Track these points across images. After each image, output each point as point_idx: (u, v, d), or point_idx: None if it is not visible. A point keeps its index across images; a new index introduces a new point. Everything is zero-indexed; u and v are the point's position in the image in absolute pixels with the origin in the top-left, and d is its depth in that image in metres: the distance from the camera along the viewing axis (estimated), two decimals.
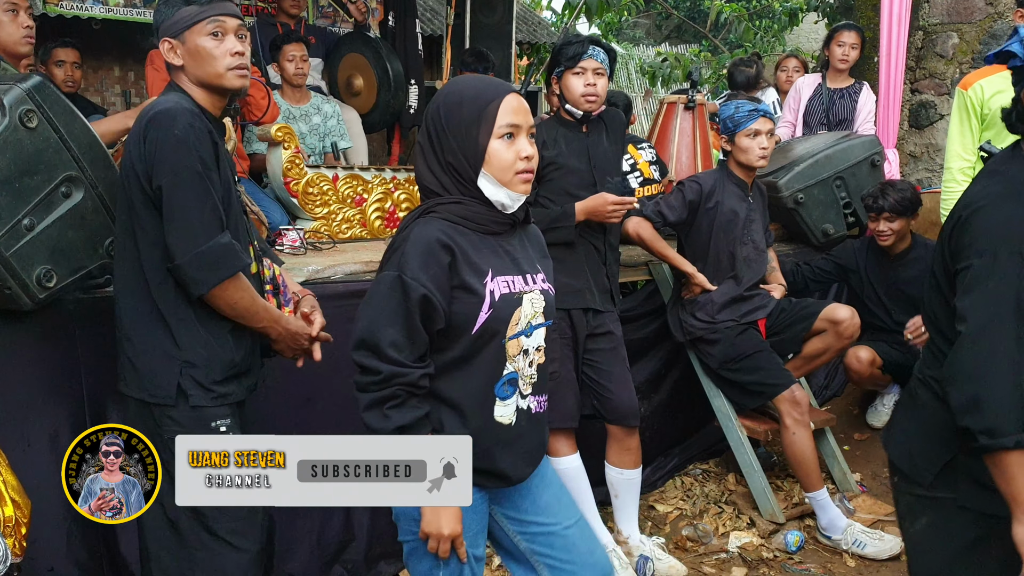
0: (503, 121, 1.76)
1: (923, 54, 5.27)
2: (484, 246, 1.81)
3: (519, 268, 1.84)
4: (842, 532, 3.24)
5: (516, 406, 1.86)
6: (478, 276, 1.77)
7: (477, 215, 1.80)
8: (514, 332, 1.81)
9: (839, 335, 3.50)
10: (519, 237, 1.91)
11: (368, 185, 4.23)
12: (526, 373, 1.86)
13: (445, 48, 6.28)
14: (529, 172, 1.80)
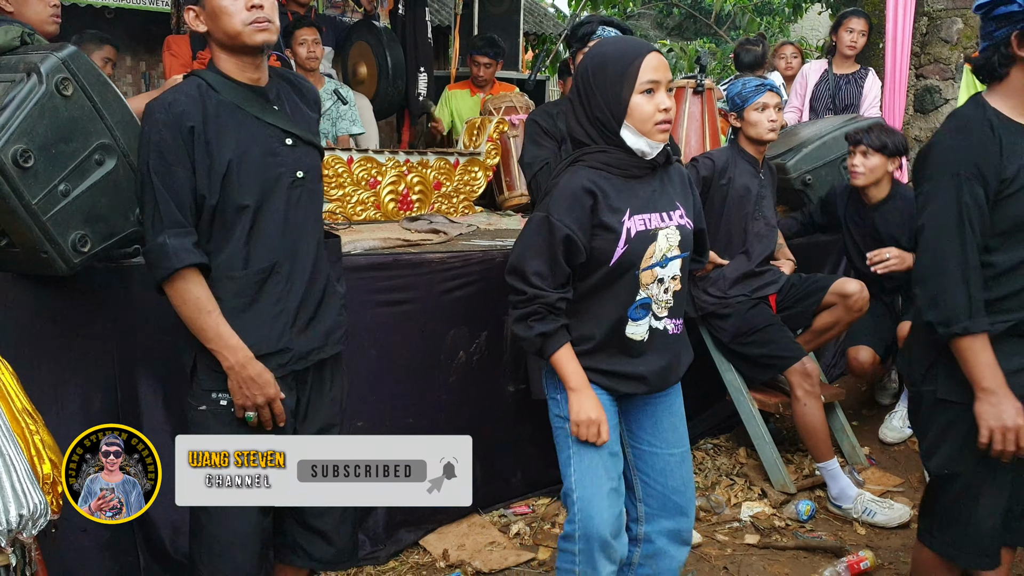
0: (644, 77, 1.99)
1: (928, 39, 5.32)
2: (625, 188, 2.06)
3: (657, 207, 2.08)
4: (852, 501, 3.30)
5: (649, 326, 2.12)
6: (616, 216, 2.03)
7: (620, 162, 2.05)
8: (648, 264, 2.06)
9: (849, 308, 3.55)
10: (660, 178, 2.13)
11: (382, 168, 4.29)
12: (661, 299, 2.11)
13: (454, 37, 6.35)
14: (667, 122, 2.02)
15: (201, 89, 2.07)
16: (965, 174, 2.04)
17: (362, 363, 2.97)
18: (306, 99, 2.27)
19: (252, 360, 2.06)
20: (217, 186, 2.04)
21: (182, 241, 2.02)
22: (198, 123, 2.02)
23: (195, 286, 2.04)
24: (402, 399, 3.09)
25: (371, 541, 3.00)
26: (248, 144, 2.07)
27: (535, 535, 3.18)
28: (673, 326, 2.15)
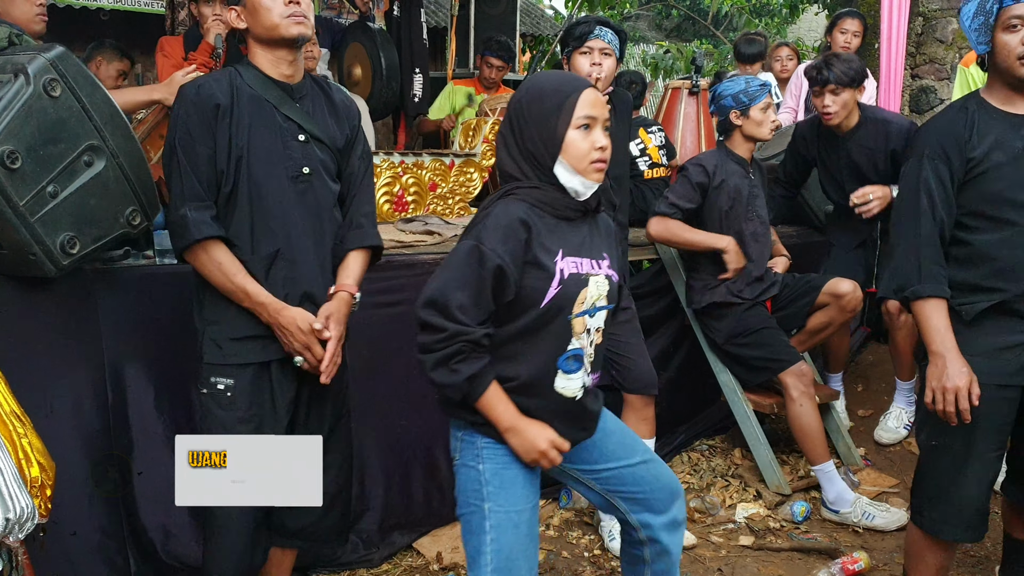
0: (581, 113, 1.89)
1: (923, 40, 5.32)
2: (557, 229, 1.92)
3: (587, 252, 1.95)
4: (851, 505, 3.26)
5: (583, 382, 1.96)
6: (550, 255, 1.88)
7: (553, 200, 1.92)
8: (580, 310, 1.91)
9: (842, 308, 3.54)
10: (589, 224, 2.02)
11: (376, 169, 4.27)
12: (588, 352, 1.96)
13: (450, 39, 6.34)
14: (602, 162, 1.91)
15: (232, 76, 2.23)
16: (930, 153, 2.23)
17: (354, 364, 2.94)
18: (336, 108, 2.36)
19: (283, 309, 2.20)
20: (233, 168, 2.18)
21: (202, 215, 2.15)
22: (225, 102, 2.17)
23: (218, 252, 2.18)
24: (395, 400, 3.08)
25: (364, 544, 2.99)
26: (262, 132, 2.21)
27: None
28: (592, 380, 2.01)
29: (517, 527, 1.92)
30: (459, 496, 1.98)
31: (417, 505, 3.14)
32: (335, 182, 2.36)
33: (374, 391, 3.01)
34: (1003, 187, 2.20)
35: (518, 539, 1.92)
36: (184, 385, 2.69)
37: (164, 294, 2.68)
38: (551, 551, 3.09)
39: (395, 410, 3.08)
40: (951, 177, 2.22)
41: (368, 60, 5.38)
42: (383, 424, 3.05)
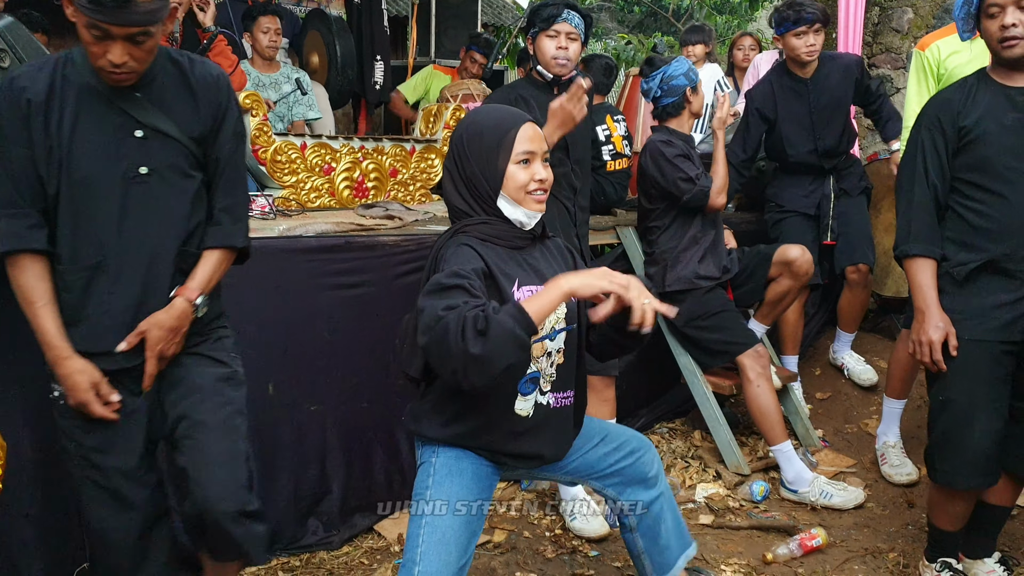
0: (520, 148, 1.97)
1: (880, 29, 5.40)
2: (510, 259, 1.98)
3: (542, 277, 1.98)
4: (809, 484, 3.32)
5: (535, 401, 2.02)
6: (508, 284, 1.93)
7: (502, 232, 1.98)
8: (538, 337, 1.92)
9: (795, 274, 3.62)
10: (540, 250, 2.08)
11: (336, 154, 4.25)
12: (547, 372, 2.03)
13: (411, 28, 6.31)
14: (543, 191, 1.98)
15: (59, 64, 1.97)
16: (926, 123, 2.45)
17: (315, 347, 2.94)
18: (193, 90, 2.06)
19: (65, 359, 1.97)
20: (56, 169, 1.94)
21: (13, 224, 1.93)
22: (39, 98, 1.92)
23: (22, 273, 1.96)
24: (356, 383, 3.06)
25: (324, 526, 2.97)
26: (89, 129, 1.96)
27: (490, 518, 3.17)
28: (555, 400, 2.05)
29: (455, 514, 1.97)
30: (414, 490, 2.05)
31: (379, 487, 3.12)
32: (192, 176, 2.07)
33: (334, 373, 2.99)
34: (991, 153, 2.37)
35: (453, 526, 1.96)
36: None
37: None
38: (513, 531, 3.09)
39: (356, 392, 3.06)
40: (945, 145, 2.42)
41: (324, 48, 5.35)
42: (344, 406, 3.02)
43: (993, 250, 2.37)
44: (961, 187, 2.42)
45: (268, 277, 2.86)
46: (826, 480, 3.35)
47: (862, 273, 4.01)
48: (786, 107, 3.96)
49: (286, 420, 2.90)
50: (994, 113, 2.37)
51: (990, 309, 2.39)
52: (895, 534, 3.12)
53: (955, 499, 2.55)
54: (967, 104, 2.40)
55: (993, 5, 2.33)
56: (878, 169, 4.45)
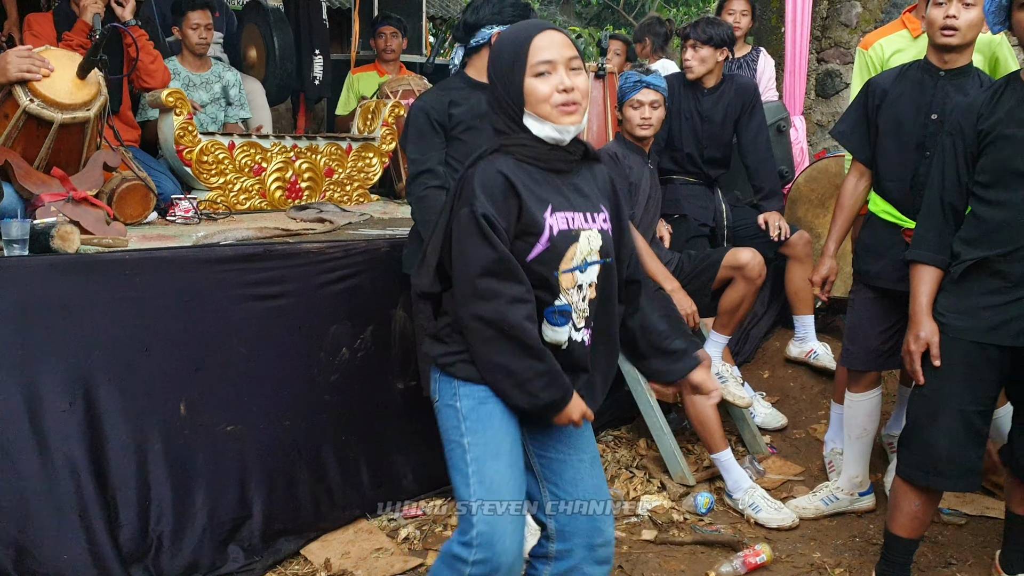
0: (535, 59, 1.86)
1: (828, 23, 5.32)
2: (547, 182, 1.89)
3: (580, 206, 1.91)
4: (743, 492, 3.23)
5: (570, 336, 1.91)
6: (540, 208, 1.85)
7: (540, 154, 1.89)
8: (568, 267, 1.88)
9: (748, 279, 3.54)
10: (585, 175, 1.97)
11: (267, 154, 4.08)
12: (580, 307, 1.92)
13: (354, 19, 6.12)
14: (571, 103, 1.85)
15: None
16: (950, 129, 2.45)
17: (230, 362, 2.78)
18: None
19: None
20: None
21: None
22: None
23: None
24: (277, 400, 2.89)
25: (245, 553, 2.79)
26: None
27: (425, 539, 3.03)
28: (588, 338, 1.95)
29: (497, 457, 1.90)
30: (442, 435, 1.98)
31: (304, 509, 2.96)
32: None
33: (253, 390, 2.82)
34: (1007, 155, 2.32)
35: (499, 469, 1.89)
36: (36, 387, 2.46)
37: (13, 288, 2.44)
38: None
39: (278, 410, 2.90)
40: (964, 150, 2.40)
41: (262, 41, 5.15)
42: (264, 425, 2.86)
43: (988, 249, 2.34)
44: (977, 189, 2.40)
45: (179, 290, 2.69)
46: (763, 494, 3.24)
47: (805, 239, 3.97)
48: (684, 107, 3.97)
49: (201, 442, 2.73)
50: (1015, 115, 2.33)
51: (978, 309, 2.37)
52: (842, 547, 3.03)
53: (912, 497, 2.50)
54: (989, 106, 2.38)
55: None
56: (826, 167, 4.37)
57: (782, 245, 3.92)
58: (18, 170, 2.72)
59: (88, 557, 2.49)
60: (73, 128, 2.83)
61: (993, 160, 2.35)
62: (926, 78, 2.91)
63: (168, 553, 2.65)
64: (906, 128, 2.91)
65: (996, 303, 2.34)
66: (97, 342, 2.55)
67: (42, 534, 2.45)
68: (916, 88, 2.91)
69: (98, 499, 2.53)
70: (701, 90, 3.93)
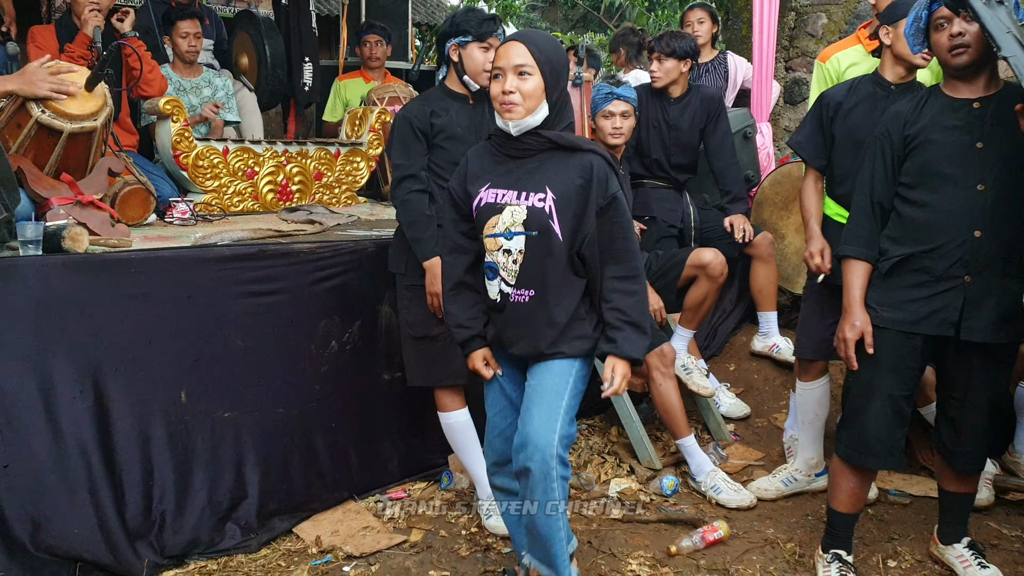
0: (492, 66, 2.31)
1: (795, 34, 5.57)
2: (502, 164, 2.34)
3: (519, 185, 2.30)
4: (705, 475, 3.47)
5: (499, 289, 2.36)
6: (479, 184, 2.35)
7: (500, 142, 2.36)
8: (491, 232, 2.32)
9: (711, 277, 3.78)
10: (550, 162, 2.31)
11: (259, 158, 4.29)
12: (509, 268, 2.33)
13: (342, 27, 6.32)
14: (508, 103, 2.25)
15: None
16: (878, 133, 2.68)
17: (228, 354, 2.99)
18: None
19: None
20: None
21: None
22: None
23: None
24: (271, 389, 3.11)
25: (242, 530, 3.01)
26: None
27: (409, 518, 3.25)
28: (514, 295, 2.34)
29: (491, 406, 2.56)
30: None
31: (297, 491, 3.18)
32: None
33: (248, 380, 3.04)
34: (930, 158, 2.56)
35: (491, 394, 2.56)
36: (50, 376, 2.67)
37: (28, 285, 2.65)
38: (430, 531, 3.17)
39: (272, 399, 3.11)
40: (892, 153, 2.63)
41: (254, 49, 5.35)
42: (260, 413, 3.07)
43: (913, 246, 2.56)
44: (902, 191, 2.61)
45: (180, 286, 2.90)
46: (723, 477, 3.48)
47: (768, 240, 4.23)
48: (652, 117, 4.19)
49: (200, 427, 2.94)
50: (938, 122, 2.57)
51: (905, 302, 2.59)
52: (795, 525, 3.27)
53: (849, 475, 2.75)
54: (915, 114, 2.62)
55: (942, 18, 2.51)
56: (789, 171, 4.60)
57: (747, 246, 4.17)
58: (30, 176, 2.93)
59: (97, 533, 2.71)
60: (81, 137, 3.05)
61: (917, 163, 2.57)
62: (878, 91, 3.15)
63: (170, 530, 2.87)
64: (859, 139, 3.11)
65: (921, 296, 2.57)
66: (105, 335, 2.76)
67: (55, 511, 2.66)
68: (868, 102, 3.16)
69: (106, 479, 2.75)
70: (668, 99, 4.17)
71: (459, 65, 3.06)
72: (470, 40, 3.01)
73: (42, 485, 2.65)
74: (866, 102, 3.16)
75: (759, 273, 4.29)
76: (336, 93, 5.80)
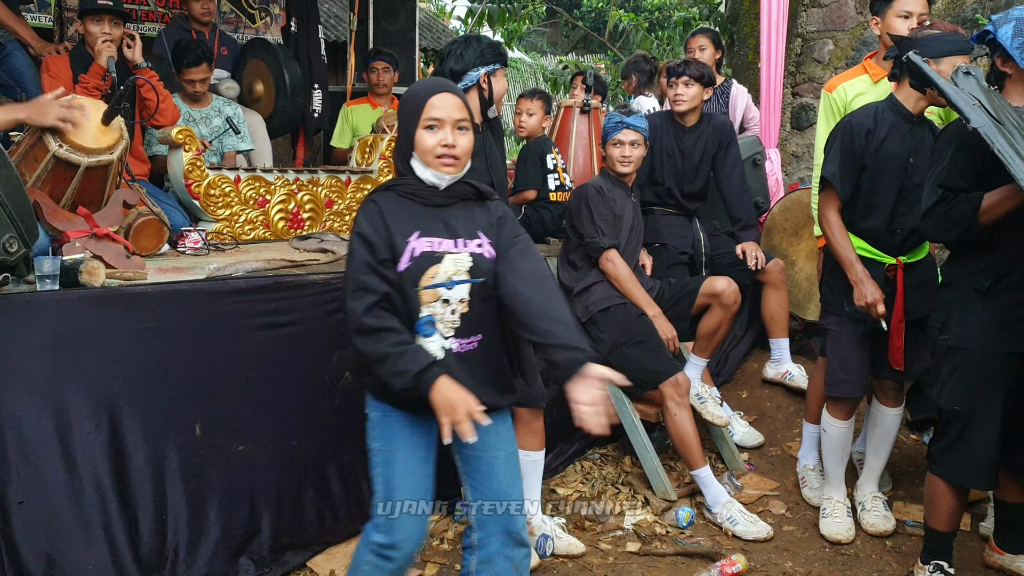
0: (427, 115, 2.19)
1: (802, 60, 5.59)
2: (423, 213, 2.22)
3: (452, 233, 2.21)
4: (721, 506, 3.45)
5: (440, 345, 2.21)
6: (403, 235, 2.18)
7: (419, 191, 2.23)
8: (430, 283, 2.18)
9: (724, 306, 3.79)
10: (472, 209, 2.28)
11: (271, 187, 4.28)
12: (448, 319, 2.21)
13: (349, 54, 6.36)
14: (450, 157, 2.19)
15: None
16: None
17: (242, 387, 2.97)
18: None
19: None
20: None
21: None
22: None
23: None
24: (286, 423, 3.09)
25: (256, 564, 2.98)
26: None
27: (423, 552, 3.23)
28: (459, 345, 2.22)
29: (393, 463, 2.28)
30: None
31: (310, 524, 3.15)
32: None
33: (263, 413, 3.02)
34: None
35: (395, 472, 2.28)
36: (66, 410, 2.66)
37: (45, 320, 2.64)
38: (444, 564, 3.15)
39: (286, 431, 3.09)
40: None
41: (271, 76, 5.37)
42: (274, 445, 3.05)
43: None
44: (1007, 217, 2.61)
45: (196, 319, 2.89)
46: (740, 508, 3.46)
47: (779, 267, 4.23)
48: (666, 145, 4.20)
49: (214, 461, 2.92)
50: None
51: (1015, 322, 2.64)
52: (812, 557, 3.24)
53: (952, 497, 2.80)
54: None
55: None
56: (799, 198, 4.61)
57: (759, 273, 4.17)
58: (46, 209, 2.93)
59: (111, 568, 2.67)
60: (97, 170, 3.05)
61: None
62: (901, 123, 3.16)
63: (184, 564, 2.84)
64: (892, 170, 3.14)
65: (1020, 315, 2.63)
66: (121, 369, 2.75)
67: (69, 547, 2.63)
68: (896, 132, 3.16)
69: (120, 514, 2.72)
70: (682, 128, 4.18)
71: (487, 92, 3.08)
72: (498, 67, 3.07)
73: (57, 520, 2.63)
74: (895, 133, 3.17)
75: (770, 300, 4.29)
76: (344, 119, 5.82)
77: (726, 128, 4.22)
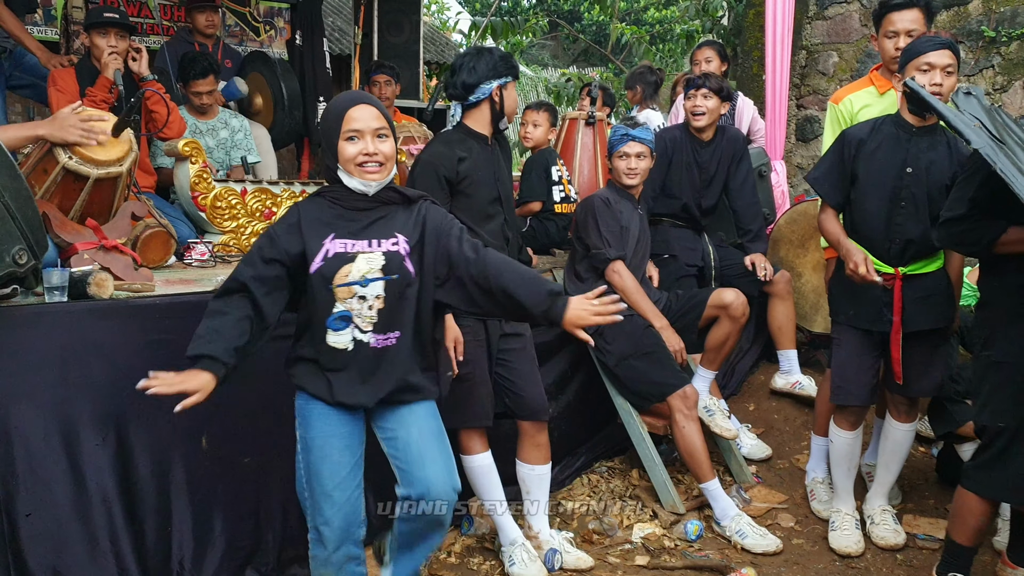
0: (345, 127, 2.33)
1: (807, 72, 5.60)
2: (346, 217, 2.36)
3: (368, 234, 2.35)
4: (730, 519, 3.43)
5: (352, 337, 2.36)
6: (320, 236, 2.33)
7: (342, 196, 2.39)
8: (343, 281, 2.32)
9: (732, 318, 3.78)
10: (392, 212, 2.40)
11: (277, 199, 4.28)
12: (365, 315, 2.34)
13: (353, 67, 6.36)
14: (374, 164, 2.32)
15: None
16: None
17: (248, 399, 2.96)
18: None
19: None
20: None
21: None
22: None
23: None
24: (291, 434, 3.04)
25: None
26: None
27: (429, 565, 3.21)
28: (376, 340, 2.36)
29: (312, 450, 2.43)
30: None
31: None
32: None
33: (269, 425, 3.00)
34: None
35: (315, 458, 2.43)
36: (73, 423, 2.65)
37: (54, 332, 2.64)
38: None
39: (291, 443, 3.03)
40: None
41: (269, 90, 5.38)
42: (279, 459, 3.03)
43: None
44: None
45: None
46: (748, 521, 3.43)
47: (786, 278, 4.23)
48: (682, 159, 4.21)
49: (220, 473, 2.91)
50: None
51: None
52: (822, 571, 3.22)
53: (981, 513, 2.78)
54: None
55: None
56: (805, 209, 4.61)
57: (766, 284, 4.16)
58: (55, 221, 2.92)
59: None
60: (107, 182, 3.05)
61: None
62: (900, 133, 3.16)
63: None
64: (883, 181, 3.15)
65: None
66: (128, 381, 2.71)
67: (75, 560, 2.62)
68: (891, 143, 3.16)
69: (127, 527, 2.72)
70: (699, 143, 4.19)
71: (499, 105, 3.09)
72: (510, 79, 3.07)
73: (63, 533, 2.61)
74: (889, 143, 3.16)
75: (777, 311, 4.27)
76: None
77: (739, 141, 4.24)
